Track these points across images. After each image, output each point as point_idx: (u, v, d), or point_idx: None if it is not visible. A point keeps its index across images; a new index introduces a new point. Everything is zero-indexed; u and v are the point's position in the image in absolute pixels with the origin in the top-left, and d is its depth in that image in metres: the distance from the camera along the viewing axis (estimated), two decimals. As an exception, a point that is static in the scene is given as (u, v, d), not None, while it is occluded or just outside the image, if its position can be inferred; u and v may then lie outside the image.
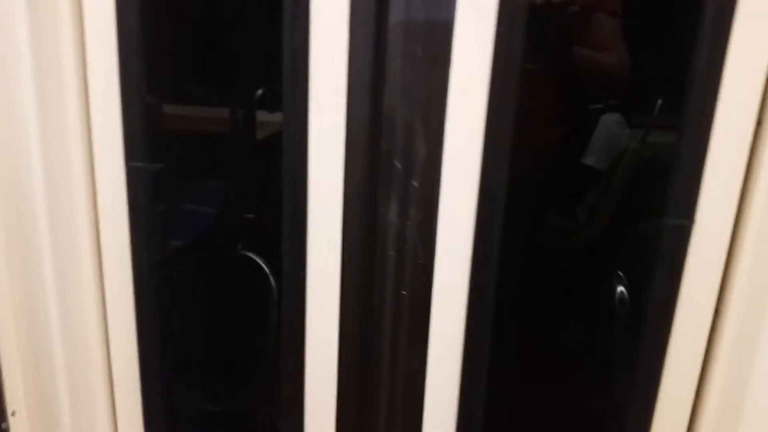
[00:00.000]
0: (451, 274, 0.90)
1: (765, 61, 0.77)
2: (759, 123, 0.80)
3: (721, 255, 0.84)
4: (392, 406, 1.00)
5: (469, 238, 0.88)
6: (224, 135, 1.54)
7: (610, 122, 1.57)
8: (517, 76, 0.82)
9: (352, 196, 0.89)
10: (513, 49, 0.81)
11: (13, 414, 1.02)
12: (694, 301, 0.86)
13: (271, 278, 1.27)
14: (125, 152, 0.91)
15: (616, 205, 1.54)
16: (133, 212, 0.94)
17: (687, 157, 0.82)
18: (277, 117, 1.01)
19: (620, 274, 1.20)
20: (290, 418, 1.01)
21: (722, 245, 0.84)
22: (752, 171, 0.81)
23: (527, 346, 1.21)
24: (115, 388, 1.07)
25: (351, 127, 0.86)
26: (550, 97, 1.41)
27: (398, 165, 0.88)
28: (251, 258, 1.37)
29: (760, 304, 0.81)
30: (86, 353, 1.04)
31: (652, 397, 0.90)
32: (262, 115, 1.46)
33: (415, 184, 0.88)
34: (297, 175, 0.89)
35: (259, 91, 1.53)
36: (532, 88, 1.36)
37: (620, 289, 1.20)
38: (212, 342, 1.32)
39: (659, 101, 1.36)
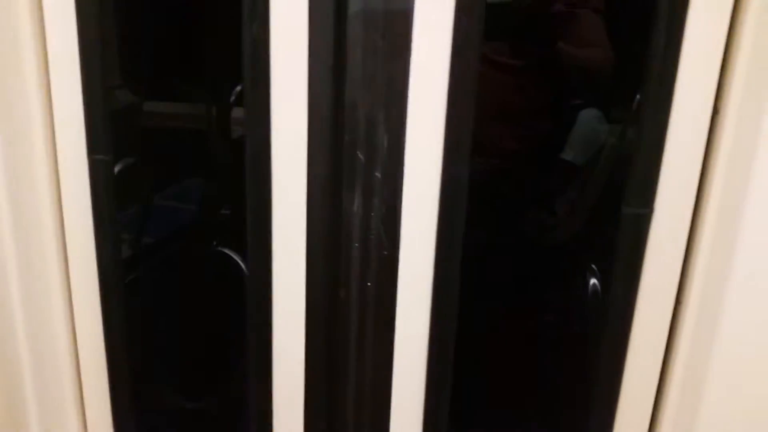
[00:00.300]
0: (416, 265, 0.90)
1: (720, 51, 0.78)
2: (716, 112, 0.80)
3: (681, 243, 0.85)
4: (359, 397, 1.00)
5: (432, 229, 0.88)
6: (202, 132, 1.54)
7: (589, 118, 1.57)
8: (477, 66, 0.82)
9: (316, 188, 0.89)
10: (472, 38, 0.81)
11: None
12: (655, 289, 0.87)
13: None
14: (88, 144, 0.91)
15: (595, 199, 1.54)
16: (97, 205, 0.93)
17: (645, 147, 0.82)
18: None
19: (593, 266, 1.21)
20: (258, 411, 1.01)
21: (682, 233, 0.84)
22: (710, 159, 0.82)
23: (495, 337, 1.21)
24: (84, 386, 1.07)
25: (313, 117, 0.86)
26: (531, 92, 1.41)
27: (361, 156, 0.88)
28: (227, 254, 1.37)
29: (719, 290, 0.82)
30: (53, 350, 1.03)
31: (616, 385, 0.90)
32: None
33: (378, 174, 0.88)
34: (260, 167, 0.89)
35: (238, 88, 1.53)
36: (513, 84, 1.37)
37: (593, 281, 1.20)
38: (186, 338, 1.32)
39: (637, 96, 1.37)
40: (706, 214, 0.82)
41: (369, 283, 0.94)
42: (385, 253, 0.91)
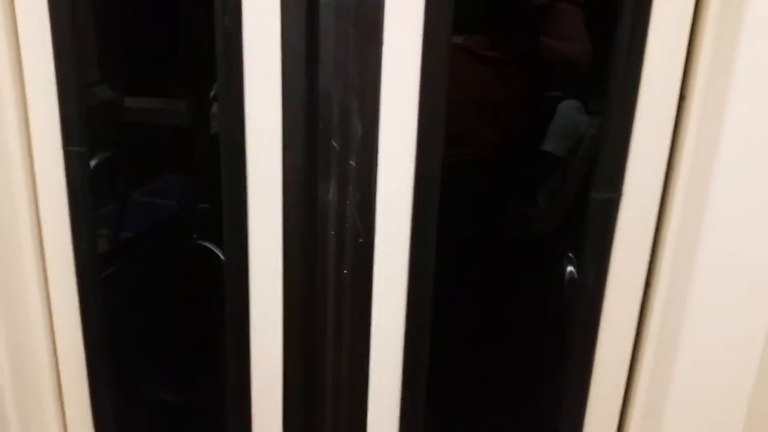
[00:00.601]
0: (392, 252, 0.91)
1: (685, 36, 0.80)
2: (682, 97, 0.82)
3: (650, 226, 0.86)
4: (337, 385, 1.01)
5: (407, 216, 0.89)
6: (182, 127, 1.54)
7: (568, 109, 1.58)
8: (449, 54, 0.83)
9: (291, 177, 0.90)
10: (443, 27, 0.82)
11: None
12: (625, 272, 0.88)
13: (228, 266, 1.26)
14: (62, 136, 0.90)
15: (576, 190, 1.55)
16: (73, 199, 0.93)
17: (614, 132, 0.84)
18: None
19: (570, 255, 1.23)
20: (236, 399, 1.01)
21: (650, 216, 0.86)
22: (677, 144, 0.83)
23: (472, 326, 1.22)
24: (62, 381, 1.07)
25: (287, 107, 0.87)
26: (511, 84, 1.42)
27: (335, 144, 0.89)
28: (207, 247, 1.37)
29: (687, 272, 0.83)
30: (30, 345, 1.03)
31: (588, 368, 0.92)
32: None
33: (353, 163, 0.89)
34: (235, 156, 0.90)
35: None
36: (493, 76, 1.38)
37: (570, 269, 1.22)
38: (166, 332, 1.32)
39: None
40: (674, 197, 0.84)
41: (345, 271, 0.94)
42: (361, 240, 0.92)
